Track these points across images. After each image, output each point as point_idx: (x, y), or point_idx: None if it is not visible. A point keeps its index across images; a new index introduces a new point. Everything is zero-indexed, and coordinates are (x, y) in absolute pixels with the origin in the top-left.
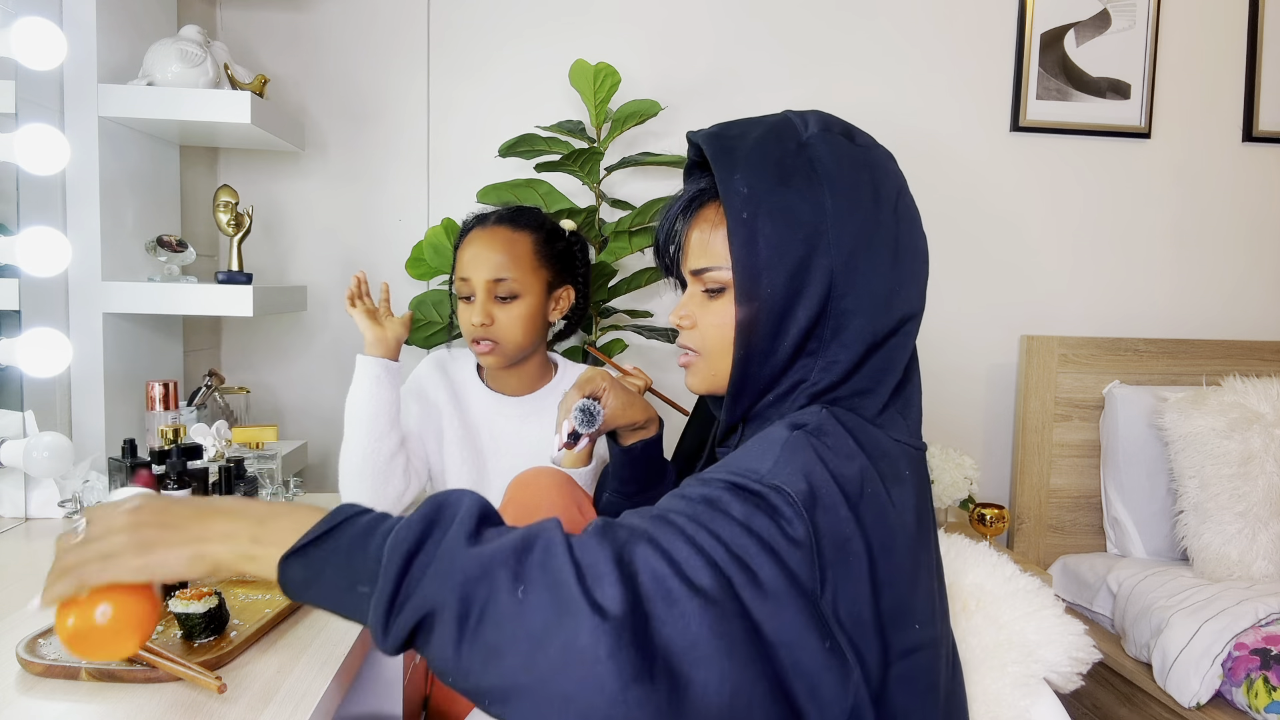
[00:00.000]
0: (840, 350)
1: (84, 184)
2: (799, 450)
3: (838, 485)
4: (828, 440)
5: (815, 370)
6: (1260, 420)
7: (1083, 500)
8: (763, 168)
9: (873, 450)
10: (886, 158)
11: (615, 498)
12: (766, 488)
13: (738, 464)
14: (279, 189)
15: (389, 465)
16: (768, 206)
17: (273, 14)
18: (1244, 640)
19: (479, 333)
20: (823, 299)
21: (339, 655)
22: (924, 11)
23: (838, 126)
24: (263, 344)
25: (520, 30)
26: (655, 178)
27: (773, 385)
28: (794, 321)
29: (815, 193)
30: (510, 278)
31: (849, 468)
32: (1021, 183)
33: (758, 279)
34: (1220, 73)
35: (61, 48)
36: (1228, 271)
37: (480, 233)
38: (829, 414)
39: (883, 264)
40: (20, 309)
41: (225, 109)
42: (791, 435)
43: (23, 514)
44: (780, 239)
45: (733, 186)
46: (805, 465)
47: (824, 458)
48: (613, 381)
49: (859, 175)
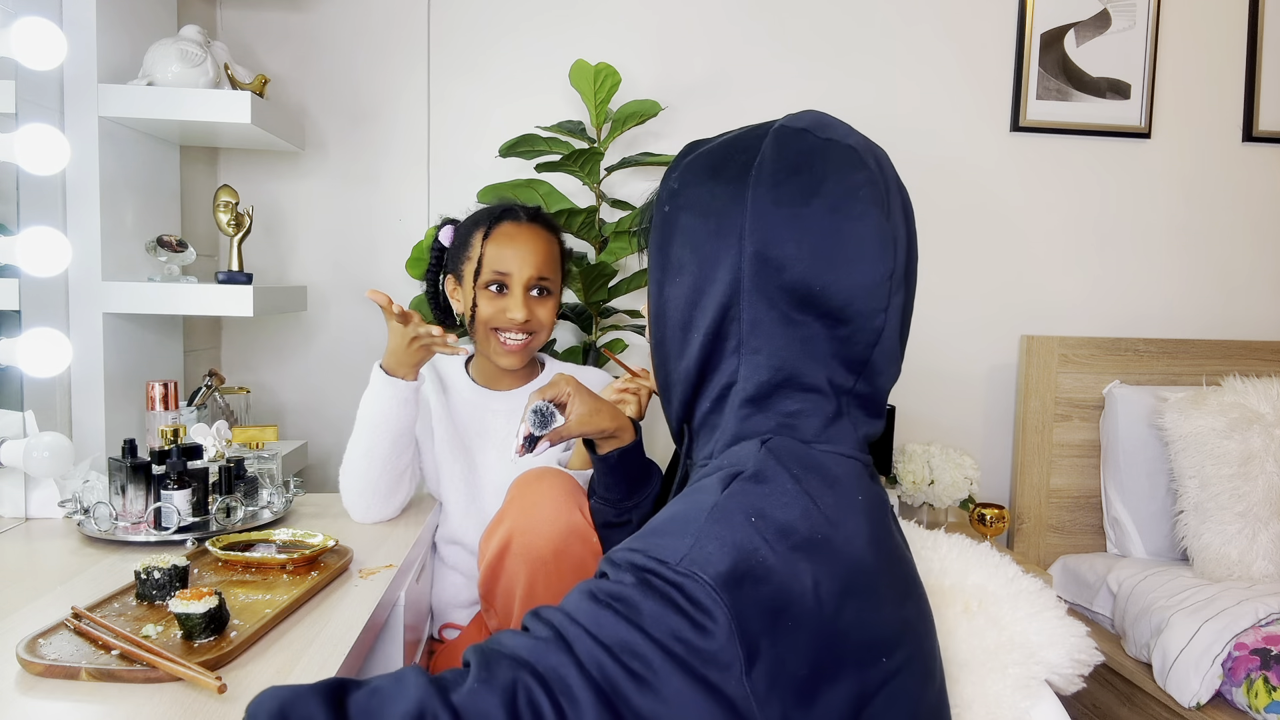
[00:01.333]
0: (762, 344)
1: (84, 184)
2: (724, 518)
3: (772, 545)
4: (764, 488)
5: (741, 369)
6: (1260, 420)
7: (1083, 500)
8: (703, 163)
9: (816, 488)
10: (845, 150)
11: (600, 504)
12: (680, 576)
13: (657, 542)
14: (279, 189)
15: (403, 475)
16: (690, 199)
17: (273, 14)
18: (1244, 640)
19: (520, 327)
20: (730, 290)
21: (339, 655)
22: (924, 12)
23: (806, 120)
24: (263, 344)
25: (520, 30)
26: (655, 178)
27: (700, 386)
28: (702, 312)
29: (740, 185)
30: (550, 276)
31: (787, 514)
32: (1021, 183)
33: (667, 267)
34: (1220, 73)
35: (61, 48)
36: (1228, 271)
37: (517, 229)
38: (767, 453)
39: (803, 258)
40: (20, 309)
41: (225, 109)
42: (721, 498)
43: (23, 514)
44: (693, 229)
45: (667, 182)
46: (731, 536)
47: (758, 512)
48: (579, 387)
49: (798, 167)
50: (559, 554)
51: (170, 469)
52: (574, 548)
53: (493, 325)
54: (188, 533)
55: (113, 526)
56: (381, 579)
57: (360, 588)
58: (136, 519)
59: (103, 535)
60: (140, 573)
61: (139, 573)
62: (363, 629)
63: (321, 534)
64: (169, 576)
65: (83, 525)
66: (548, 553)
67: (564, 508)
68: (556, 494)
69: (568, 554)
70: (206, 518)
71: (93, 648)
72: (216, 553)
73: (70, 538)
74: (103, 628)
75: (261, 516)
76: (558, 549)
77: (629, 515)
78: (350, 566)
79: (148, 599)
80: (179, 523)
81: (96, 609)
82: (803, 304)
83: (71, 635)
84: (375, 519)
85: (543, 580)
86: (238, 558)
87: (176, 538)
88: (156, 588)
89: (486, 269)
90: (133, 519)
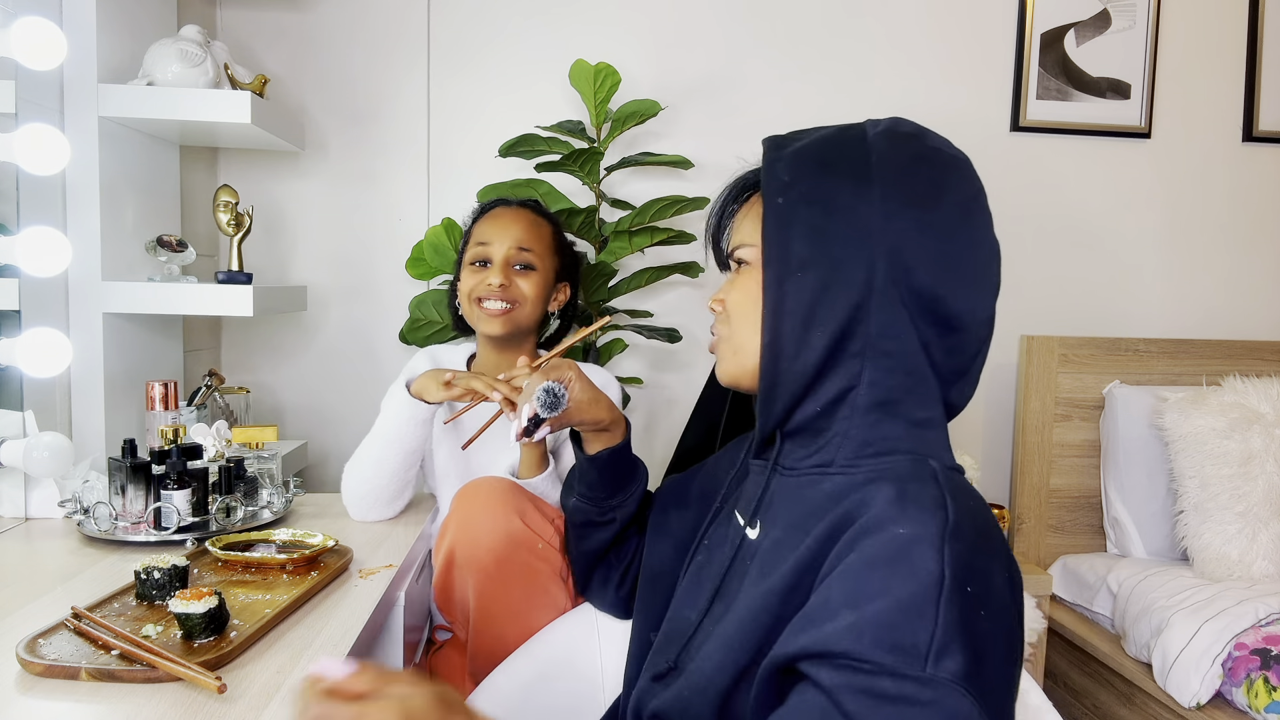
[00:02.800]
0: (891, 346)
1: (84, 184)
2: (954, 599)
3: (996, 625)
4: (963, 543)
5: (866, 372)
6: (1260, 420)
7: (1083, 500)
8: (808, 157)
9: (993, 530)
10: (958, 160)
11: (583, 503)
12: (930, 684)
13: (883, 631)
14: (279, 189)
15: (408, 484)
16: (805, 191)
17: (273, 14)
18: (1244, 640)
19: (496, 293)
20: (863, 289)
21: (339, 655)
22: (924, 12)
23: (908, 127)
24: (263, 344)
25: (520, 30)
26: (655, 178)
27: (812, 387)
28: (829, 311)
29: (863, 183)
30: (533, 250)
31: (996, 580)
32: (1021, 183)
33: (788, 260)
34: (1220, 73)
35: (61, 48)
36: (1228, 271)
37: (506, 209)
38: (949, 499)
39: (931, 261)
40: (20, 309)
41: (225, 109)
42: (948, 578)
43: (23, 514)
44: (816, 223)
45: (774, 172)
46: (964, 620)
47: (973, 586)
48: (579, 373)
49: (918, 170)
50: (501, 562)
51: (170, 469)
52: (516, 555)
53: (475, 295)
54: (188, 533)
55: (113, 526)
56: (381, 579)
57: (360, 588)
58: (136, 519)
59: (103, 535)
60: (140, 573)
61: (139, 573)
62: (363, 629)
63: (321, 534)
64: (169, 576)
65: (83, 525)
66: (489, 562)
67: (501, 517)
68: (493, 503)
69: (511, 561)
70: (206, 518)
71: (93, 648)
72: (216, 553)
73: (70, 538)
74: (103, 628)
75: (261, 516)
76: (499, 558)
77: (613, 514)
78: (350, 566)
79: (148, 599)
80: (179, 523)
81: (96, 609)
82: (925, 308)
83: (71, 635)
84: (374, 520)
85: (489, 589)
86: (238, 558)
87: (176, 538)
88: (156, 588)
89: (472, 244)
90: (133, 519)
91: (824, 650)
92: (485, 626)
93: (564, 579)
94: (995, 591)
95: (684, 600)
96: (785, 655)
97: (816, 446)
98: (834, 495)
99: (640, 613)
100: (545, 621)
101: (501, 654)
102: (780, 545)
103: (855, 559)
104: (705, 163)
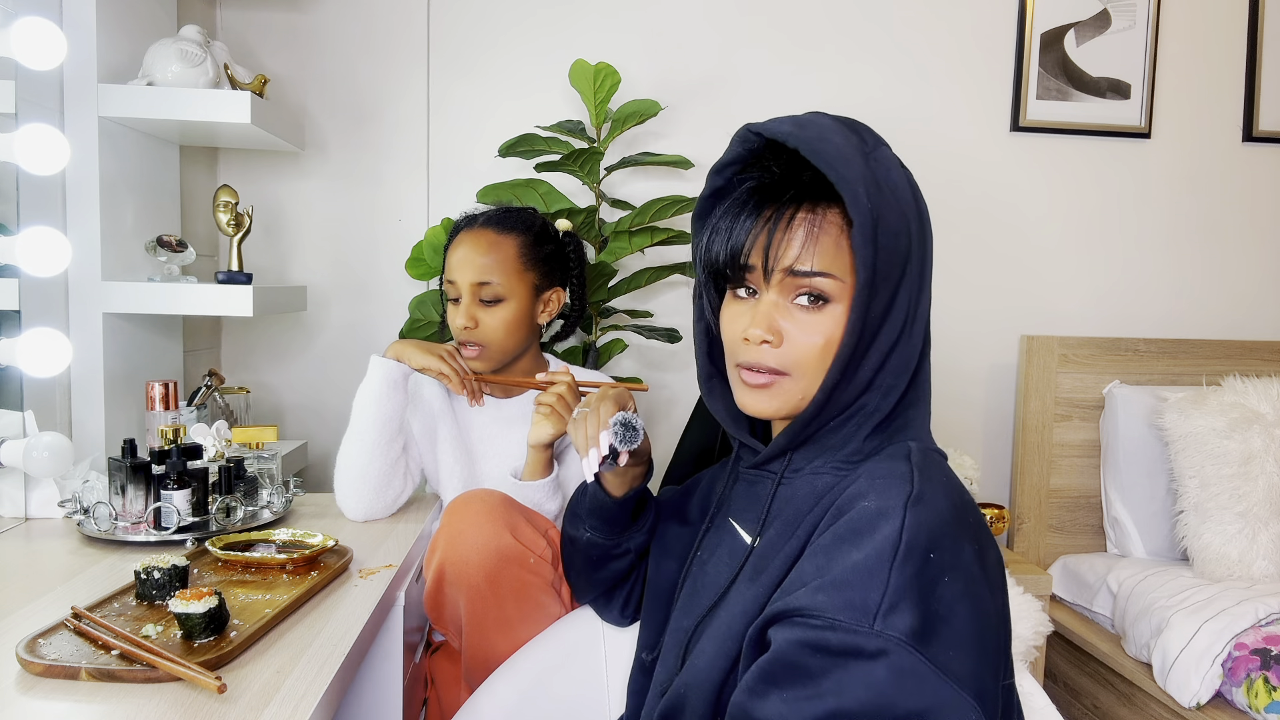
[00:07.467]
0: (901, 368)
1: (84, 184)
2: (910, 561)
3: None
4: (928, 511)
5: (875, 395)
6: (1260, 420)
7: (1083, 500)
8: (867, 175)
9: (967, 508)
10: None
11: (598, 538)
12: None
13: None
14: (279, 189)
15: (392, 470)
16: (881, 214)
17: (273, 14)
18: (1244, 640)
19: (465, 335)
20: (905, 318)
21: (339, 655)
22: (924, 11)
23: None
24: (263, 344)
25: (520, 30)
26: (655, 178)
27: (843, 411)
28: (878, 343)
29: (904, 205)
30: (495, 281)
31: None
32: (1021, 183)
33: (875, 292)
34: (1220, 73)
35: (61, 48)
36: (1228, 271)
37: (467, 235)
38: (916, 472)
39: (929, 277)
40: (20, 309)
41: (225, 109)
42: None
43: (23, 514)
44: (890, 251)
45: (857, 193)
46: (920, 582)
47: (936, 553)
48: (634, 402)
49: (916, 189)
50: (492, 579)
51: (170, 469)
52: (507, 571)
53: (455, 336)
54: (187, 533)
55: (112, 526)
56: (381, 579)
57: (360, 588)
58: (136, 519)
59: (102, 535)
60: (140, 573)
61: (139, 573)
62: (363, 629)
63: (321, 534)
64: (169, 576)
65: (83, 525)
66: (480, 579)
67: (490, 533)
68: (482, 520)
69: (502, 577)
70: (206, 518)
71: (93, 648)
72: (216, 553)
73: (70, 538)
74: (103, 628)
75: (261, 516)
76: (490, 575)
77: (628, 546)
78: (350, 566)
79: (147, 599)
80: (179, 523)
81: (96, 609)
82: (923, 319)
83: (71, 635)
84: (366, 515)
85: (481, 605)
86: (237, 558)
87: (176, 538)
88: (156, 588)
89: (445, 280)
90: (133, 519)
91: (786, 609)
92: (478, 640)
93: (557, 589)
94: (963, 563)
95: (682, 612)
96: (760, 623)
97: (817, 452)
98: (823, 491)
99: (643, 628)
100: (538, 633)
101: (496, 665)
102: (772, 545)
103: (828, 536)
104: (705, 163)
